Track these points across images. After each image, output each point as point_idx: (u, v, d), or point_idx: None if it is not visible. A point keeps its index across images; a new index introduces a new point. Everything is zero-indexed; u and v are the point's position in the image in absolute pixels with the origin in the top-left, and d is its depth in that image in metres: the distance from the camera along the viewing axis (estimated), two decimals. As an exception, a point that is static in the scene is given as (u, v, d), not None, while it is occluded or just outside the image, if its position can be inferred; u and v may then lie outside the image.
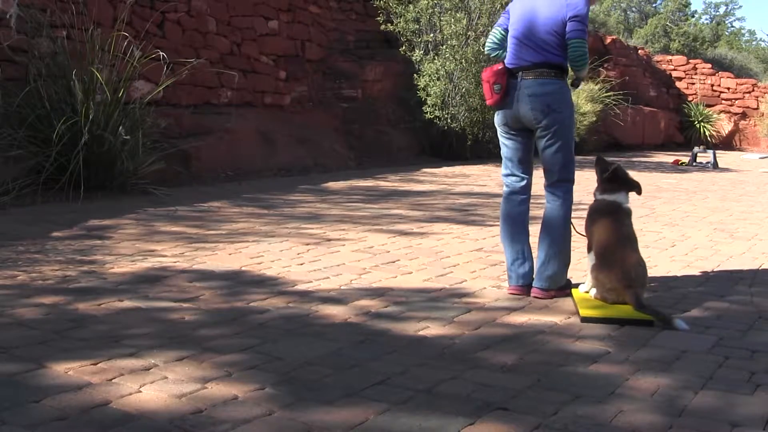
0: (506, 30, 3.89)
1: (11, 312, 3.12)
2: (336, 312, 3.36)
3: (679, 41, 31.49)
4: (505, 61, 3.84)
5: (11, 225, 4.96)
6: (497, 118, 3.93)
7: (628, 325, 3.35)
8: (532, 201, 3.97)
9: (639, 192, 3.85)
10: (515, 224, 3.88)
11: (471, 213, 6.55)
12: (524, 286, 3.82)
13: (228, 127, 8.79)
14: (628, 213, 3.76)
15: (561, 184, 3.81)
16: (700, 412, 2.42)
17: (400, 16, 11.26)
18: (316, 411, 2.28)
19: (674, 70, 21.22)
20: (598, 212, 3.77)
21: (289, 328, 3.09)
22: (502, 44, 3.91)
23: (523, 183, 3.90)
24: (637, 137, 17.78)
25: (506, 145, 3.94)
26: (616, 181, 3.77)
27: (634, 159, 14.50)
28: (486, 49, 4.06)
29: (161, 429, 2.12)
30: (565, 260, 3.81)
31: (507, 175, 3.95)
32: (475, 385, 2.55)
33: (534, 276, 3.83)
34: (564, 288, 3.82)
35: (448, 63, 10.82)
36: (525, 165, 3.91)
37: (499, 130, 3.96)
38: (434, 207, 6.82)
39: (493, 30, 3.98)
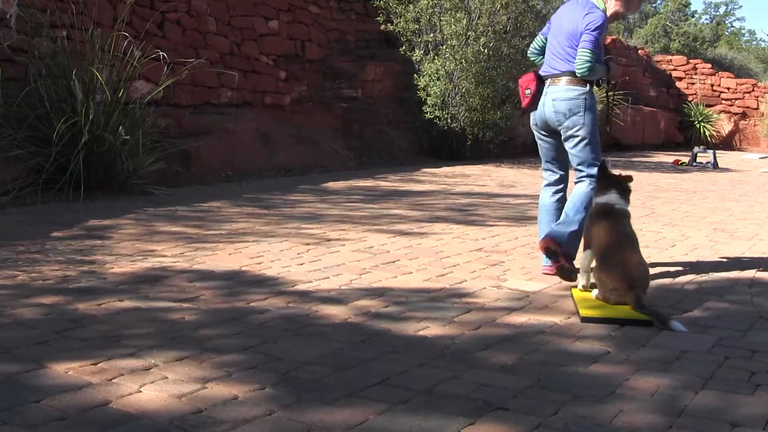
0: (546, 38, 4.38)
1: (11, 312, 3.12)
2: (336, 312, 3.36)
3: (679, 41, 31.45)
4: (540, 69, 4.35)
5: (11, 225, 4.96)
6: (531, 120, 4.41)
7: (628, 325, 3.35)
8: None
9: (628, 182, 3.97)
10: (548, 213, 4.36)
11: (471, 213, 6.55)
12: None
13: (228, 127, 8.79)
14: (624, 213, 3.81)
15: (586, 178, 4.19)
16: (700, 412, 2.42)
17: (400, 16, 11.26)
18: (316, 411, 2.28)
19: (674, 70, 21.22)
20: (594, 215, 3.86)
21: (289, 328, 3.09)
22: (542, 51, 4.43)
23: (557, 177, 4.39)
24: (637, 137, 17.78)
25: (540, 144, 4.42)
26: (603, 182, 3.91)
27: (634, 159, 14.50)
28: (528, 53, 4.62)
29: (161, 429, 2.12)
30: (580, 230, 4.06)
31: (544, 170, 4.46)
32: (475, 385, 2.55)
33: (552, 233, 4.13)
34: (570, 259, 4.02)
35: (448, 63, 10.82)
36: (558, 162, 4.39)
37: (533, 130, 4.43)
38: (434, 207, 6.82)
39: (537, 37, 4.51)
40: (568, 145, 4.20)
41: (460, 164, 10.93)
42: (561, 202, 4.34)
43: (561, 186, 4.39)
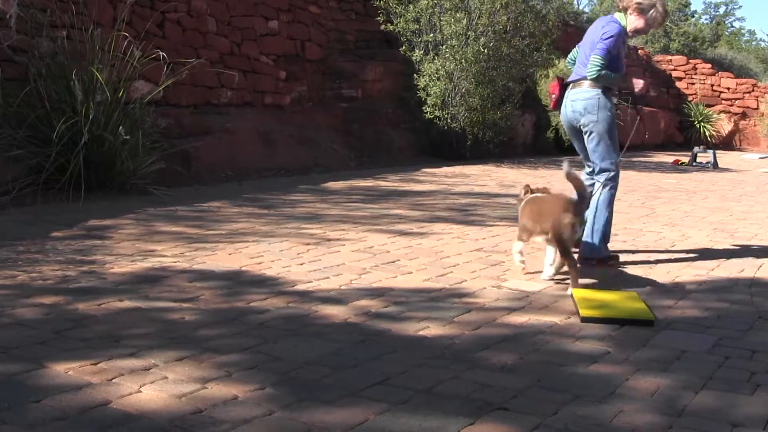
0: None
1: (11, 312, 3.12)
2: (336, 312, 3.36)
3: (679, 41, 31.45)
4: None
5: (11, 225, 4.96)
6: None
7: (628, 325, 3.35)
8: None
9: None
10: None
11: (471, 213, 6.55)
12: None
13: (228, 127, 8.79)
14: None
15: (602, 173, 4.70)
16: (700, 412, 2.42)
17: (400, 16, 11.25)
18: (316, 411, 2.28)
19: (674, 70, 21.21)
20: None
21: (289, 328, 3.09)
22: (575, 60, 4.93)
23: (589, 169, 4.87)
24: (637, 137, 17.76)
25: (572, 142, 5.01)
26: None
27: (634, 159, 14.50)
28: (566, 62, 5.22)
29: (161, 429, 2.12)
30: (603, 236, 4.63)
31: (585, 162, 4.95)
32: (475, 385, 2.55)
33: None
34: (605, 260, 4.61)
35: (448, 63, 10.82)
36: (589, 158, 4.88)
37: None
38: (434, 207, 6.82)
39: (574, 49, 5.02)
40: (585, 140, 4.73)
41: (460, 164, 10.93)
42: (593, 186, 4.81)
43: (593, 176, 4.86)
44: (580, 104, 4.62)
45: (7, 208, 5.45)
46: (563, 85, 4.81)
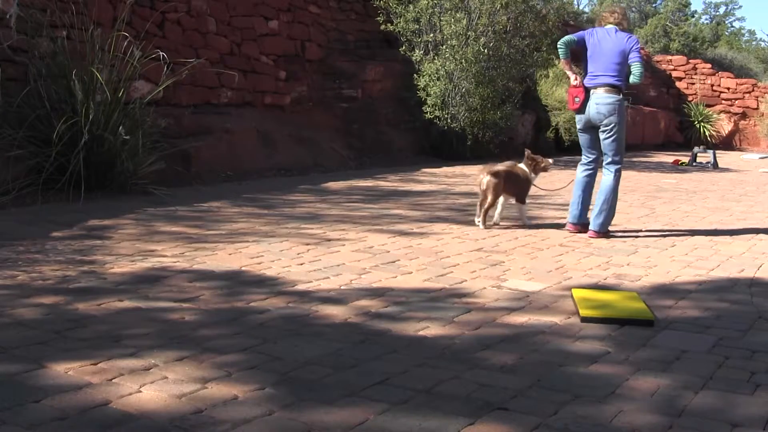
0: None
1: (11, 312, 3.12)
2: (336, 312, 3.36)
3: (679, 41, 31.45)
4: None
5: (11, 225, 4.96)
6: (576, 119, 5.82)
7: (628, 325, 3.35)
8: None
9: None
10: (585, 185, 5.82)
11: (471, 213, 6.53)
12: (575, 225, 5.70)
13: (228, 127, 8.79)
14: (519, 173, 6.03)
15: (613, 164, 5.62)
16: (700, 412, 2.42)
17: (400, 16, 11.26)
18: (316, 411, 2.28)
19: (674, 70, 21.22)
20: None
21: (289, 328, 3.09)
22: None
23: (589, 159, 5.77)
24: (637, 137, 17.77)
25: (582, 135, 5.78)
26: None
27: (634, 159, 14.49)
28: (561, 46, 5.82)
29: (161, 429, 2.12)
30: (610, 214, 5.62)
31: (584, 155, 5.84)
32: (475, 385, 2.55)
33: (590, 222, 5.62)
34: (606, 235, 5.57)
35: (448, 63, 10.82)
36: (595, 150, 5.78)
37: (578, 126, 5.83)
38: (434, 207, 6.82)
39: (568, 38, 5.71)
40: (602, 137, 5.61)
41: (460, 164, 10.92)
42: (589, 172, 5.76)
43: (593, 166, 5.78)
44: (606, 107, 5.45)
45: (7, 208, 5.46)
46: (587, 90, 5.56)
